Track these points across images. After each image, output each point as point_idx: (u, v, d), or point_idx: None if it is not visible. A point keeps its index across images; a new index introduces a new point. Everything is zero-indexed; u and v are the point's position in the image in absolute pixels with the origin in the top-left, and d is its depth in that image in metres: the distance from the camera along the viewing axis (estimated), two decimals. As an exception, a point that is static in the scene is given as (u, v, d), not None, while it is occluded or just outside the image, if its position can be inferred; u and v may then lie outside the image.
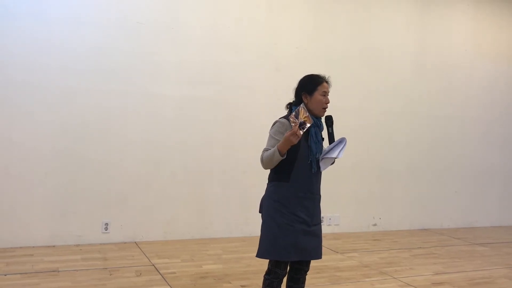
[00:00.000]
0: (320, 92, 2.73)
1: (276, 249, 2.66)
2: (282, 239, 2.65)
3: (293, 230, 2.66)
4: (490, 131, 7.20)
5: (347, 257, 4.92)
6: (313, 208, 2.75)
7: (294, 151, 2.65)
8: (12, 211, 4.60)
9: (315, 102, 2.72)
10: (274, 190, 2.75)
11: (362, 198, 6.27)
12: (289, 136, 2.50)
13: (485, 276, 4.51)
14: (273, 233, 2.68)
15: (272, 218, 2.70)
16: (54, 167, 4.75)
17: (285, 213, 2.67)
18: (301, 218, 2.68)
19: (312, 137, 2.72)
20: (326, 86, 2.76)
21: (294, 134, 2.49)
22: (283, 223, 2.66)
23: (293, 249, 2.66)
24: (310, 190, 2.73)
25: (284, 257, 2.67)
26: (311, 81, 2.78)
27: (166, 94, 5.19)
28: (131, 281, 3.78)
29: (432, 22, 6.68)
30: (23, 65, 4.62)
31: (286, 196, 2.69)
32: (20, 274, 3.81)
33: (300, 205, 2.69)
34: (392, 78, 6.42)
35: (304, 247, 2.69)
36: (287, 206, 2.67)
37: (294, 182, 2.69)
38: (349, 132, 6.06)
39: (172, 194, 5.24)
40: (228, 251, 4.90)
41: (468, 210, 7.06)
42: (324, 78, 2.79)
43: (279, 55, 5.71)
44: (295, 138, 2.50)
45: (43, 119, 4.70)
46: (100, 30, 4.90)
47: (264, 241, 2.73)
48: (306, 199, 2.71)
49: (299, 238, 2.67)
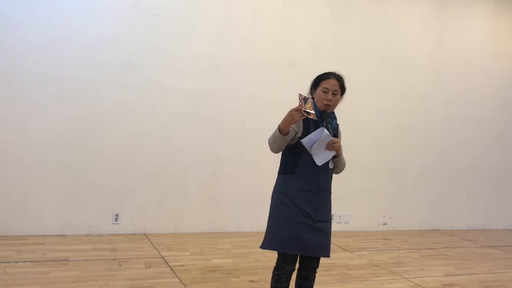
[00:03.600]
0: (321, 88, 2.73)
1: (278, 241, 2.68)
2: (285, 231, 2.65)
3: (297, 223, 2.66)
4: (505, 132, 7.10)
5: (357, 256, 4.89)
6: (319, 203, 2.72)
7: (300, 144, 2.65)
8: (25, 200, 4.64)
9: (316, 98, 2.74)
10: (281, 183, 2.77)
11: (373, 197, 6.23)
12: (292, 111, 2.48)
13: (496, 279, 4.45)
14: (277, 225, 2.70)
15: (277, 210, 2.73)
16: (67, 157, 4.77)
17: (289, 206, 2.68)
18: (305, 212, 2.67)
19: None
20: (330, 83, 2.72)
21: (299, 111, 2.46)
22: (287, 215, 2.67)
23: (295, 242, 2.65)
24: (316, 184, 2.71)
25: (286, 249, 2.67)
26: (318, 77, 2.80)
27: (180, 87, 5.19)
28: (140, 273, 3.79)
29: (449, 21, 6.59)
30: (38, 57, 4.64)
31: (291, 189, 2.70)
32: (31, 262, 3.84)
33: (305, 199, 2.68)
34: (407, 77, 6.35)
35: (308, 242, 2.67)
36: (292, 198, 2.68)
37: (300, 175, 2.69)
38: (362, 130, 6.08)
39: (183, 187, 5.25)
40: (238, 245, 4.90)
41: (480, 212, 6.98)
42: (332, 75, 2.76)
43: (294, 51, 5.68)
44: (298, 114, 2.47)
45: (57, 110, 4.72)
46: (116, 21, 4.90)
47: (268, 232, 2.76)
48: (312, 193, 2.70)
49: (302, 232, 2.65)
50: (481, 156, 6.94)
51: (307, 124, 2.70)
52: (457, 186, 6.79)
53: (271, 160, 2.77)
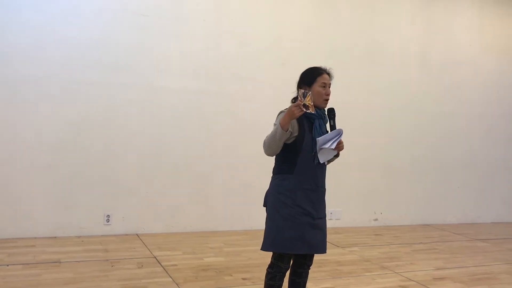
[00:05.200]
0: (319, 83, 2.70)
1: (281, 242, 2.64)
2: (287, 231, 2.63)
3: (299, 223, 2.64)
4: (494, 127, 7.18)
5: (348, 252, 4.92)
6: (318, 201, 2.73)
7: (298, 143, 2.65)
8: (15, 202, 4.61)
9: (315, 94, 2.68)
10: (278, 183, 2.73)
11: (364, 193, 6.27)
12: (293, 107, 2.48)
13: (486, 271, 4.50)
14: (278, 226, 2.66)
15: (277, 210, 2.68)
16: (57, 159, 4.75)
17: (290, 205, 2.65)
18: (306, 211, 2.66)
19: (317, 129, 2.70)
20: (326, 78, 2.73)
21: (298, 107, 2.46)
22: (288, 215, 2.64)
23: (298, 242, 2.64)
24: (315, 182, 2.71)
25: (290, 249, 2.65)
26: (310, 73, 2.76)
27: (169, 87, 5.18)
28: (132, 273, 3.79)
29: (436, 17, 6.64)
30: (26, 58, 4.61)
31: (291, 188, 2.66)
32: (22, 265, 3.82)
33: (306, 198, 2.67)
34: (396, 73, 6.40)
35: (310, 240, 2.67)
36: (293, 198, 2.65)
37: (299, 174, 2.67)
38: (352, 127, 6.09)
39: (175, 187, 5.25)
40: (230, 244, 4.91)
41: (470, 206, 7.05)
42: (324, 70, 2.76)
43: (283, 48, 5.69)
44: (298, 110, 2.46)
45: (47, 111, 4.70)
46: (104, 22, 4.88)
47: (269, 233, 2.70)
48: (312, 192, 2.69)
49: (305, 231, 2.65)
50: (471, 151, 7.01)
51: (302, 122, 2.67)
52: (447, 181, 6.86)
53: (262, 158, 2.78)
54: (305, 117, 2.69)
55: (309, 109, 2.48)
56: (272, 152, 2.65)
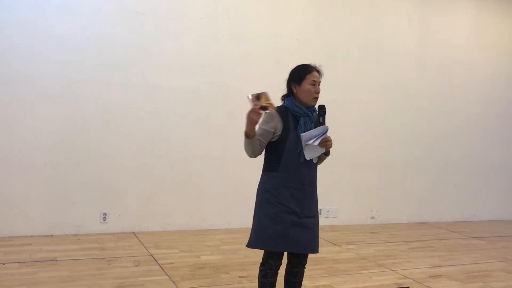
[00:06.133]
0: (308, 81, 2.68)
1: (264, 239, 2.66)
2: (271, 229, 2.64)
3: (282, 221, 2.64)
4: (490, 126, 7.20)
5: (345, 249, 4.93)
6: (304, 199, 2.70)
7: (282, 141, 2.64)
8: (11, 200, 4.60)
9: (304, 92, 2.68)
10: (264, 180, 2.75)
11: (360, 191, 6.28)
12: (249, 113, 2.48)
13: (481, 269, 4.53)
14: (262, 223, 2.68)
15: (262, 208, 2.70)
16: (53, 157, 4.74)
17: (274, 203, 2.66)
18: (290, 209, 2.65)
19: (301, 126, 2.67)
20: (315, 75, 2.70)
21: (253, 112, 2.46)
22: (271, 213, 2.65)
23: (281, 240, 2.63)
24: (301, 180, 2.69)
25: (272, 247, 2.66)
26: (299, 70, 2.73)
27: (166, 86, 5.18)
28: (129, 271, 3.79)
29: (433, 16, 6.65)
30: (22, 57, 4.58)
31: (275, 186, 2.67)
32: (18, 263, 3.81)
33: (290, 196, 2.66)
34: (393, 72, 6.40)
35: (295, 239, 2.66)
36: (276, 196, 2.66)
37: (283, 172, 2.67)
38: (349, 125, 6.12)
39: (171, 185, 5.24)
40: (226, 242, 4.91)
41: (466, 205, 7.08)
42: (314, 67, 2.73)
43: (280, 47, 5.69)
44: (255, 115, 2.47)
45: (43, 110, 4.68)
46: (100, 20, 4.87)
47: (254, 231, 2.74)
48: (296, 190, 2.68)
49: (288, 229, 2.64)
50: (467, 149, 7.03)
51: (287, 120, 2.66)
52: (443, 180, 6.88)
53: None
54: (291, 115, 2.68)
55: (268, 109, 2.46)
56: (252, 154, 2.69)
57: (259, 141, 2.63)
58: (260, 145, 2.65)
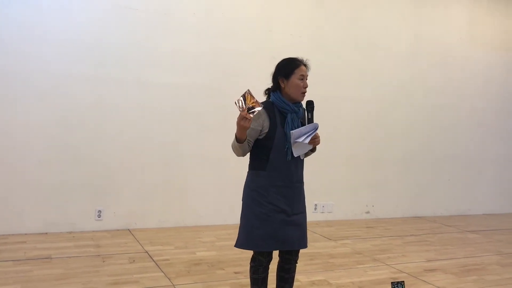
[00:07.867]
0: (297, 76, 2.62)
1: (254, 240, 2.61)
2: (260, 229, 2.59)
3: (272, 221, 2.59)
4: (484, 120, 7.23)
5: (340, 244, 4.94)
6: (293, 197, 2.67)
7: (270, 138, 2.59)
8: (5, 198, 4.58)
9: (292, 87, 2.62)
10: (251, 179, 2.69)
11: (355, 186, 6.29)
12: (239, 121, 2.42)
13: (476, 262, 4.55)
14: (251, 224, 2.62)
15: (250, 208, 2.64)
16: (47, 155, 4.71)
17: (263, 203, 2.60)
18: (280, 208, 2.61)
19: (288, 123, 2.61)
20: (303, 70, 2.64)
21: (243, 118, 2.40)
22: (261, 213, 2.60)
23: (271, 240, 2.60)
24: (289, 178, 2.64)
25: (262, 247, 2.63)
26: (287, 64, 2.67)
27: (160, 82, 5.15)
28: (124, 268, 3.78)
29: (427, 11, 6.65)
30: (14, 53, 4.55)
31: (263, 185, 2.61)
32: (13, 261, 3.79)
33: (279, 195, 2.61)
34: (387, 67, 6.41)
35: (285, 237, 2.63)
36: (265, 195, 2.60)
37: (272, 170, 2.61)
38: (344, 120, 6.12)
39: (166, 181, 5.23)
40: (222, 238, 4.91)
41: (461, 199, 7.11)
42: (302, 61, 2.67)
43: (274, 42, 5.67)
44: (246, 122, 2.41)
45: (36, 108, 4.65)
46: (93, 17, 4.83)
47: (242, 231, 2.68)
48: (285, 188, 2.63)
49: (278, 229, 2.60)
50: (461, 144, 7.06)
51: (274, 117, 2.60)
52: (438, 174, 6.90)
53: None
54: (278, 111, 2.63)
55: (255, 111, 2.41)
56: (242, 154, 2.64)
57: (247, 141, 2.58)
58: (249, 144, 2.60)
